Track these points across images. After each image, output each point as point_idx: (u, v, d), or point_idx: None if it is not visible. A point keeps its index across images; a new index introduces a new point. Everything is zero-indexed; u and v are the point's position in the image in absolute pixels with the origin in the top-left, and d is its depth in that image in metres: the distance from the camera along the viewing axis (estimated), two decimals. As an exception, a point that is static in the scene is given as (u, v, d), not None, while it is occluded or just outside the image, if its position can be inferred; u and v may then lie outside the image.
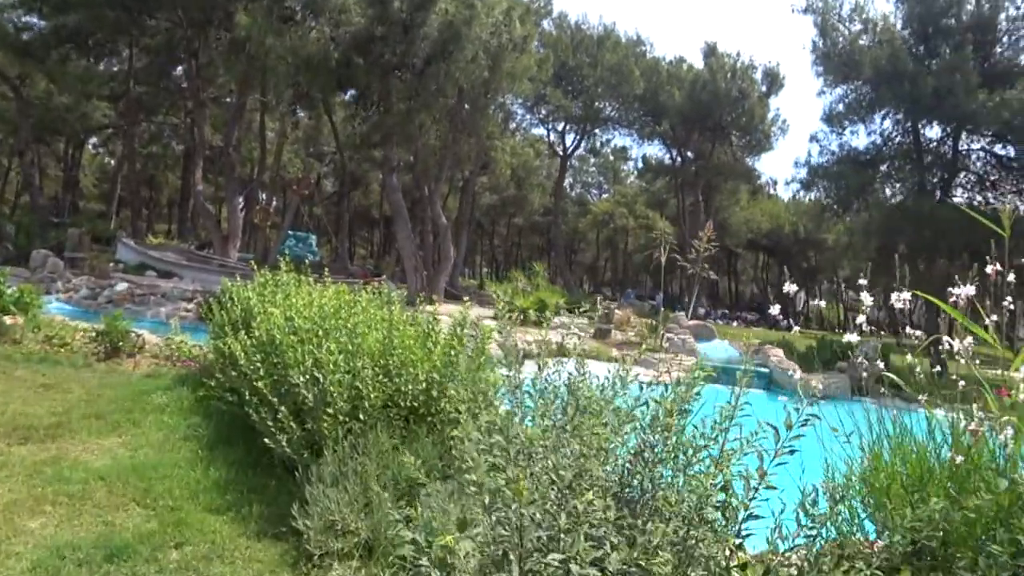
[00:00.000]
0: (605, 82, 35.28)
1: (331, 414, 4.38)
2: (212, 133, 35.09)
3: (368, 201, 57.99)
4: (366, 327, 5.38)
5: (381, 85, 20.56)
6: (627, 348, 19.59)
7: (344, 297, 6.47)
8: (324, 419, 4.31)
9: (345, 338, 5.08)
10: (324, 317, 5.68)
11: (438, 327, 5.91)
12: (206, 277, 20.96)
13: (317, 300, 6.16)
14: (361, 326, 5.36)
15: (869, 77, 24.62)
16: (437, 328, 5.80)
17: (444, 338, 5.59)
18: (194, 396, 6.94)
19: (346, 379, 4.55)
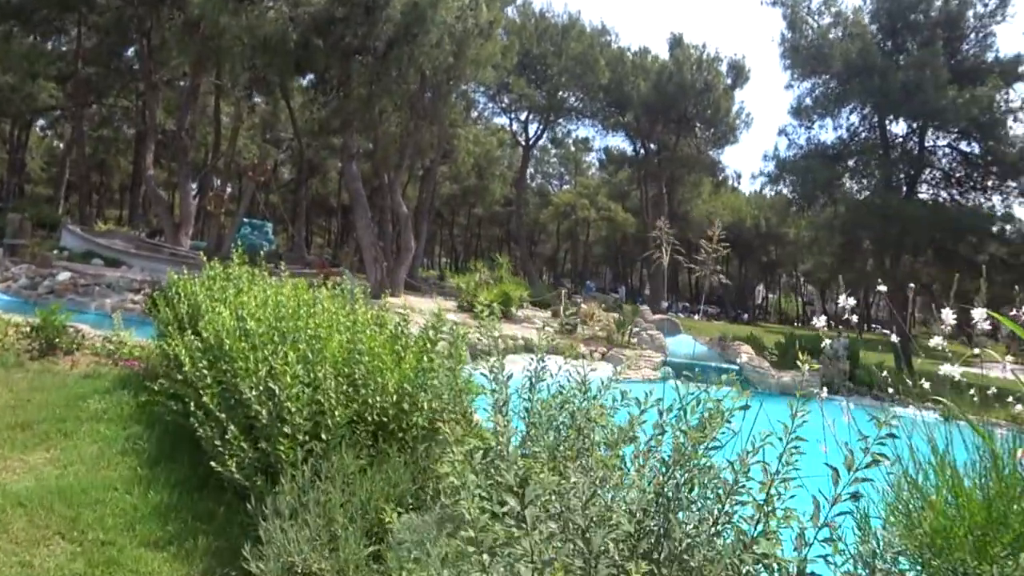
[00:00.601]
0: (570, 71, 34.84)
1: (288, 434, 3.85)
2: (165, 117, 33.72)
3: (326, 189, 56.78)
4: (328, 330, 4.84)
5: (341, 69, 19.78)
6: (594, 344, 19.25)
7: (303, 295, 5.90)
8: (281, 441, 3.77)
9: (304, 344, 4.53)
10: (280, 318, 5.12)
11: (407, 328, 5.42)
12: (156, 266, 19.99)
13: (272, 298, 5.58)
14: (322, 329, 4.82)
15: (839, 71, 24.62)
16: (407, 330, 5.31)
17: (415, 341, 5.11)
18: (136, 402, 6.31)
19: (306, 393, 4.02)
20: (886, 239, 25.62)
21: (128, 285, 15.67)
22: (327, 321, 5.05)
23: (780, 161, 26.91)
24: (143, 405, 6.16)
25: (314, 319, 5.08)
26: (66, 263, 18.34)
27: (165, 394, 5.68)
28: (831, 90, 26.77)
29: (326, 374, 4.19)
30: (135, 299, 14.84)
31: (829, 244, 31.78)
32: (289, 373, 3.92)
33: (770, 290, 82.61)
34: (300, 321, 4.95)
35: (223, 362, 4.71)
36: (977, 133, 24.85)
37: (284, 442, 3.77)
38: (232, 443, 3.95)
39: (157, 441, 5.40)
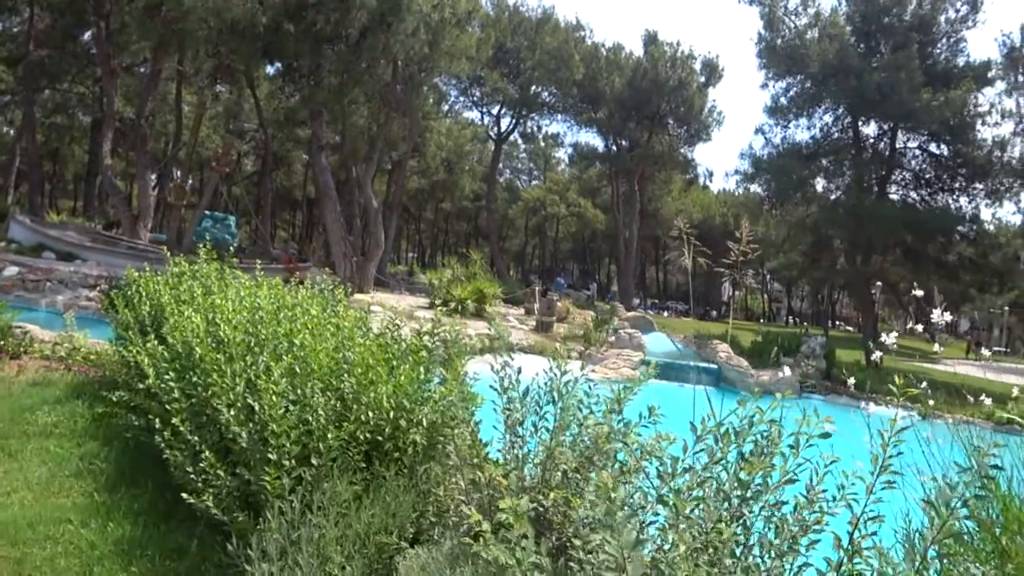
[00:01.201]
0: (544, 66, 34.42)
1: (274, 460, 3.33)
2: (123, 105, 32.35)
3: (291, 182, 55.53)
4: (312, 337, 4.31)
5: (312, 56, 19.00)
6: (572, 342, 18.88)
7: (283, 297, 5.36)
8: (266, 471, 3.26)
9: (287, 355, 4.01)
10: (258, 323, 4.58)
11: (399, 332, 4.92)
12: (113, 260, 19.02)
13: (248, 300, 5.03)
14: (307, 336, 4.29)
15: (815, 71, 24.61)
16: (399, 335, 4.81)
17: (408, 346, 4.63)
18: (91, 413, 5.70)
19: (293, 413, 3.50)
20: (856, 238, 25.80)
21: (82, 281, 14.79)
22: (311, 326, 4.53)
23: (756, 159, 26.88)
24: (100, 418, 5.56)
25: (296, 324, 4.55)
26: (14, 256, 17.31)
27: (125, 406, 5.11)
28: (806, 90, 26.89)
29: (313, 389, 3.68)
30: (90, 296, 14.00)
31: (800, 243, 31.96)
32: (274, 390, 3.39)
33: (736, 287, 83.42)
34: (281, 327, 4.42)
35: (193, 373, 4.16)
36: (947, 136, 25.18)
37: (270, 471, 3.25)
38: (208, 471, 3.42)
39: (116, 461, 4.81)
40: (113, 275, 14.87)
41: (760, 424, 2.58)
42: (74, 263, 17.83)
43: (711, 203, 61.68)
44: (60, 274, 15.10)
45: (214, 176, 24.61)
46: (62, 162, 52.28)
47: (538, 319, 19.77)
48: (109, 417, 5.43)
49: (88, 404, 5.85)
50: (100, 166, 25.69)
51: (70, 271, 15.43)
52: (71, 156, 51.02)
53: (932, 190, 27.25)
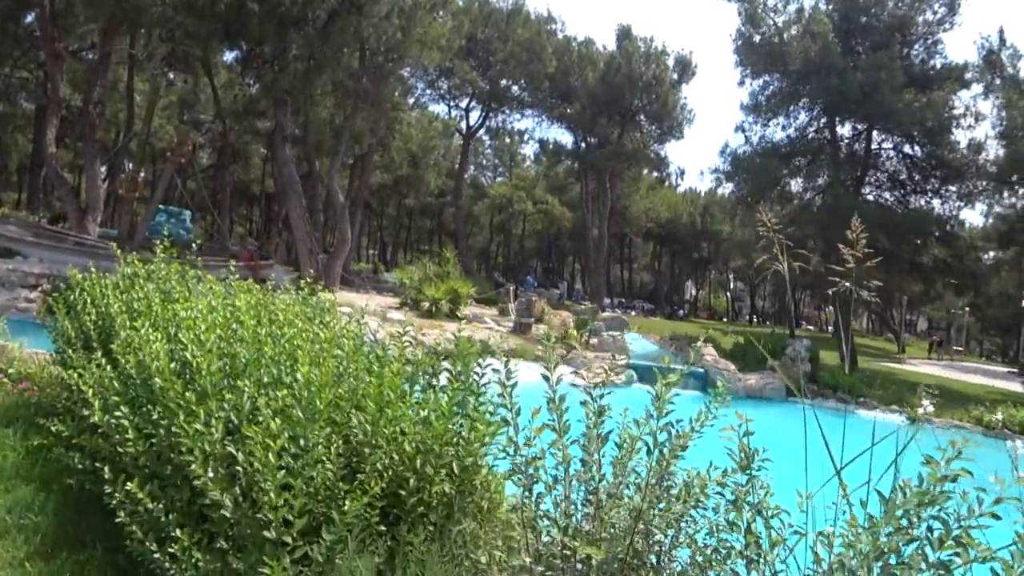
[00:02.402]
0: (515, 58, 33.58)
1: (272, 539, 2.43)
2: (71, 92, 30.45)
3: (248, 176, 53.56)
4: (307, 360, 3.39)
5: (277, 39, 17.77)
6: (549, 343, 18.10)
7: (264, 305, 4.42)
8: (264, 558, 2.36)
9: (279, 388, 3.08)
10: (236, 342, 3.64)
11: (412, 350, 4.07)
12: (58, 257, 17.56)
13: (222, 312, 4.07)
14: (301, 359, 3.36)
15: (797, 69, 24.37)
16: (415, 354, 3.96)
17: (420, 366, 3.80)
18: (24, 447, 4.67)
19: (300, 476, 2.60)
20: (833, 239, 25.62)
21: (22, 280, 13.43)
22: (304, 346, 3.61)
23: (736, 157, 26.55)
24: (36, 452, 4.54)
25: (284, 343, 3.64)
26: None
27: (67, 441, 4.12)
28: (784, 88, 26.65)
29: (315, 437, 2.78)
30: (30, 297, 12.68)
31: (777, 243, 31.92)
32: (273, 448, 2.49)
33: (699, 286, 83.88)
34: (267, 348, 3.49)
35: (153, 408, 3.22)
36: (922, 137, 25.27)
37: (268, 559, 2.34)
38: (180, 557, 2.50)
39: (56, 512, 3.83)
40: (58, 273, 13.55)
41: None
42: (13, 260, 16.34)
43: (678, 202, 61.77)
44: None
45: (168, 168, 23.16)
46: (5, 152, 49.39)
47: (516, 320, 18.97)
48: (47, 452, 4.42)
49: (21, 434, 4.80)
50: (44, 155, 23.97)
51: (7, 269, 14.02)
52: (14, 146, 48.21)
53: (906, 191, 27.35)
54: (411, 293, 19.51)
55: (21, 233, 19.47)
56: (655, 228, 61.26)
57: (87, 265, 6.39)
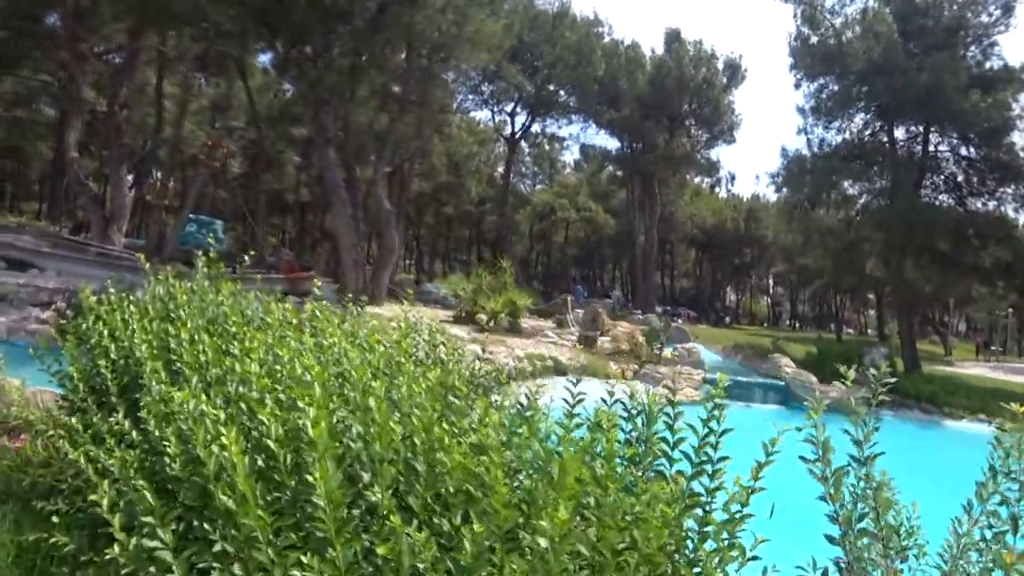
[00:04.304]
0: (563, 61, 31.81)
1: None
2: (95, 96, 29.07)
3: (281, 184, 52.19)
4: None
5: (322, 31, 15.91)
6: (622, 360, 16.12)
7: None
8: None
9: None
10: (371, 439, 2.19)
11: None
12: (79, 270, 15.84)
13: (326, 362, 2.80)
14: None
15: (858, 70, 23.74)
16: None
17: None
18: (15, 542, 3.04)
19: None
20: (891, 242, 25.42)
21: (33, 297, 11.63)
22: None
23: (799, 160, 26.03)
24: (29, 550, 2.97)
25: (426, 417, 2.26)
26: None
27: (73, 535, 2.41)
28: (841, 90, 25.97)
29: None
30: (42, 317, 10.86)
31: (832, 247, 30.39)
32: None
33: (739, 292, 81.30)
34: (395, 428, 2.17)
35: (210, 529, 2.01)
36: (980, 139, 24.94)
37: None
38: None
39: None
40: (75, 289, 11.78)
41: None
42: (27, 273, 14.61)
43: (722, 207, 59.67)
44: (3, 288, 11.90)
45: (201, 173, 21.48)
46: (25, 160, 48.46)
47: (581, 333, 17.00)
48: (46, 551, 2.88)
49: (13, 520, 3.21)
50: (66, 161, 22.45)
51: (17, 285, 12.24)
52: (36, 154, 47.26)
53: (962, 194, 26.68)
54: (466, 305, 17.64)
55: (37, 244, 17.75)
56: (699, 234, 59.24)
57: (106, 281, 4.69)
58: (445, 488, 2.01)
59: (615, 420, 2.32)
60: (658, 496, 1.90)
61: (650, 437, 2.27)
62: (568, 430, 2.34)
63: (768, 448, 1.95)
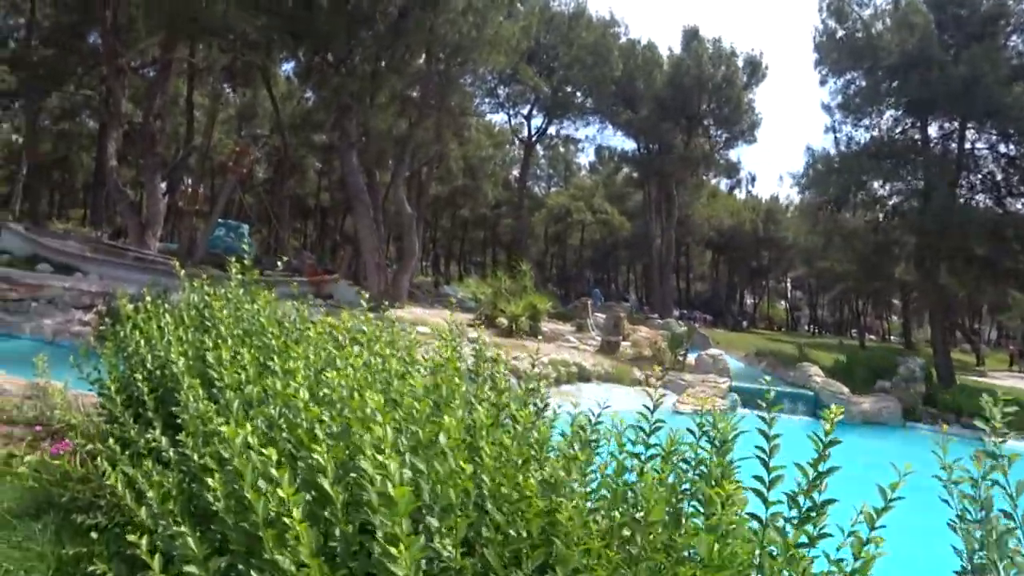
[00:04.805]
0: (580, 62, 32.10)
1: None
2: (132, 109, 30.34)
3: (303, 189, 53.31)
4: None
5: (347, 36, 16.53)
6: (642, 364, 16.41)
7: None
8: None
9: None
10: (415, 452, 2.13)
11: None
12: (118, 273, 16.69)
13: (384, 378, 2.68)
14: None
15: (890, 63, 22.88)
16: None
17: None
18: (56, 553, 3.26)
19: None
20: (924, 245, 24.27)
21: (76, 300, 12.38)
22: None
23: (827, 159, 24.73)
24: (71, 563, 3.13)
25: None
26: (2, 270, 15.00)
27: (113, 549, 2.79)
28: (874, 84, 24.91)
29: None
30: (84, 319, 11.58)
31: (859, 250, 29.67)
32: None
33: (756, 295, 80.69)
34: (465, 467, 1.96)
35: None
36: (1020, 135, 23.48)
37: None
38: None
39: None
40: (115, 292, 12.50)
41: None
42: (72, 276, 15.47)
43: (740, 209, 59.38)
44: (51, 291, 12.69)
45: (231, 179, 22.31)
46: (71, 170, 50.37)
47: (603, 339, 17.31)
48: (86, 563, 3.01)
49: (54, 531, 3.39)
50: (106, 169, 23.49)
51: (63, 288, 13.03)
52: (80, 164, 49.18)
53: (1000, 194, 25.29)
54: (486, 309, 18.08)
55: (80, 249, 18.76)
56: (716, 236, 59.00)
57: (144, 285, 5.11)
58: (521, 533, 1.86)
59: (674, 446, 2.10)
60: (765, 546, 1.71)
61: (726, 468, 1.97)
62: (642, 461, 2.12)
63: (888, 494, 1.73)
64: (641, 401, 2.37)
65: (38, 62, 27.85)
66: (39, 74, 27.73)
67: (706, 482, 1.94)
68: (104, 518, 3.14)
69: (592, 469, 2.23)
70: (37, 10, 28.19)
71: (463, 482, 1.91)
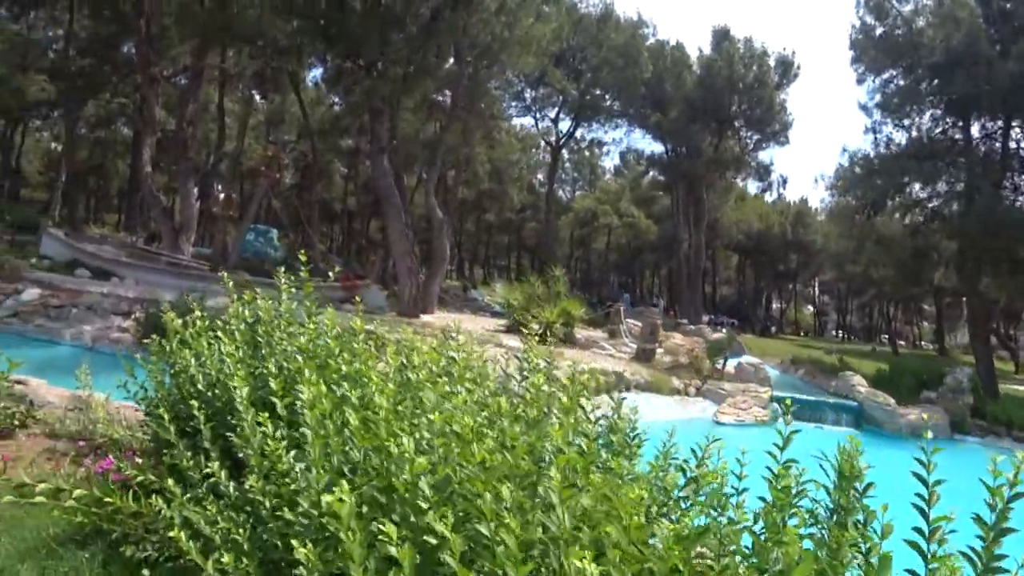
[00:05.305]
0: (609, 64, 31.76)
1: None
2: (165, 116, 30.85)
3: (330, 194, 53.68)
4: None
5: (380, 38, 16.38)
6: (684, 375, 16.02)
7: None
8: None
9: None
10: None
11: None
12: (152, 278, 16.77)
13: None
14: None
15: (935, 60, 21.85)
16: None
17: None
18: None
19: None
20: (966, 250, 23.45)
21: (115, 307, 12.38)
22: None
23: (865, 161, 23.89)
24: None
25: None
26: (43, 275, 15.11)
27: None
28: (914, 83, 24.03)
29: None
30: (123, 325, 11.56)
31: (897, 255, 28.86)
32: None
33: (783, 300, 79.45)
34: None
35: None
36: None
37: None
38: None
39: None
40: (151, 298, 12.51)
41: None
42: (109, 282, 15.54)
43: (768, 212, 58.47)
44: (89, 298, 12.71)
45: (263, 184, 22.40)
46: (106, 176, 51.42)
47: (639, 346, 16.96)
48: None
49: (102, 561, 3.20)
50: (141, 175, 23.77)
51: (101, 294, 13.04)
52: (115, 171, 50.18)
53: None
54: (518, 315, 17.84)
55: (117, 254, 18.97)
56: (744, 240, 58.16)
57: (183, 290, 4.91)
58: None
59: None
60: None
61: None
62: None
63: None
64: (683, 412, 2.32)
65: (76, 72, 28.46)
66: (77, 84, 28.32)
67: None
68: (155, 551, 2.95)
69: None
70: (75, 22, 28.70)
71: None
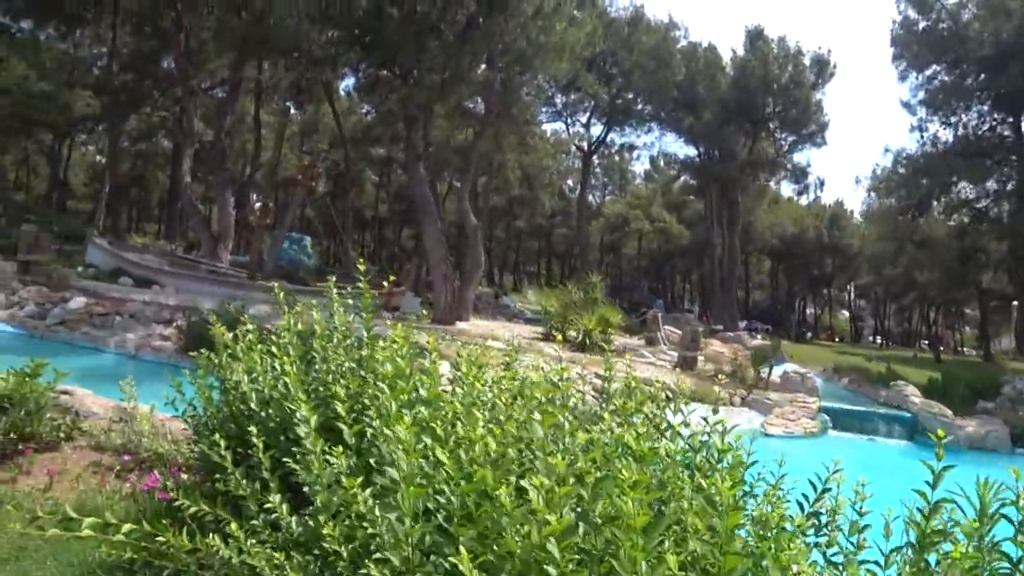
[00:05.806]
0: (641, 67, 31.44)
1: None
2: (203, 128, 31.43)
3: (362, 202, 54.06)
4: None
5: (416, 46, 16.35)
6: (727, 383, 15.61)
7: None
8: None
9: None
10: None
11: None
12: (192, 286, 16.94)
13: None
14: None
15: (983, 54, 21.19)
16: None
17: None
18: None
19: None
20: (1017, 248, 23.16)
21: (157, 315, 12.46)
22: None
23: (911, 161, 23.25)
24: None
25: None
26: (88, 283, 15.32)
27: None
28: (960, 78, 23.38)
29: None
30: (165, 334, 11.61)
31: (943, 257, 28.00)
32: None
33: (817, 305, 77.77)
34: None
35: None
36: None
37: None
38: None
39: None
40: (192, 306, 12.58)
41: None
42: (151, 290, 15.72)
43: (803, 215, 57.36)
44: (132, 306, 12.82)
45: (299, 193, 22.58)
46: (147, 187, 52.61)
47: (680, 354, 16.61)
48: None
49: None
50: (179, 185, 24.18)
51: (143, 302, 13.15)
52: (155, 182, 51.35)
53: None
54: (556, 322, 17.63)
55: (159, 263, 19.28)
56: (778, 243, 57.08)
57: (222, 298, 4.80)
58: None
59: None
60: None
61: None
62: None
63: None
64: (732, 423, 2.27)
65: (119, 87, 29.31)
66: (120, 99, 29.12)
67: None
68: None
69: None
70: (118, 39, 29.46)
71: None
